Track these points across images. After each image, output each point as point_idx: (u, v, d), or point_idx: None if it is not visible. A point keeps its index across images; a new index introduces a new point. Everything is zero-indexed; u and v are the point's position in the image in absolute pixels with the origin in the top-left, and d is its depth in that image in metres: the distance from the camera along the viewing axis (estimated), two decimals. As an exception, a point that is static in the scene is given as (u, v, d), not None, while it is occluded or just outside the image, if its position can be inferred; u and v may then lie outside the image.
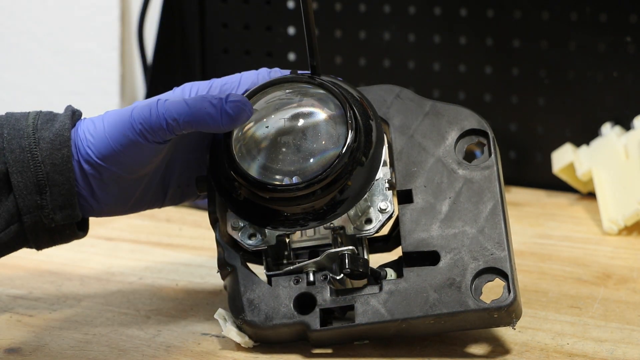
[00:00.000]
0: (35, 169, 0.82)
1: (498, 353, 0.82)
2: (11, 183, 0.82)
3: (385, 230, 0.87)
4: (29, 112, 0.84)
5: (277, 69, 0.87)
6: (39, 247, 0.86)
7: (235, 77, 0.86)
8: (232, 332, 0.83)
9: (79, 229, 0.87)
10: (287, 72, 0.86)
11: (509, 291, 0.79)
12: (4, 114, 0.85)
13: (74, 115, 0.85)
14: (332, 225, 0.83)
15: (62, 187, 0.83)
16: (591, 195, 1.23)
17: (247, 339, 0.83)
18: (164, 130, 0.81)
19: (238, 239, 0.84)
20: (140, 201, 0.88)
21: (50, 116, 0.84)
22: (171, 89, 0.86)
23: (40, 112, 0.85)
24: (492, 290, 0.81)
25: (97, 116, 0.84)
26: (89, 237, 1.12)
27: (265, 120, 0.82)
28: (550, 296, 0.94)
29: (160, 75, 1.43)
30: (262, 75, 0.86)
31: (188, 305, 0.93)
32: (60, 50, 1.52)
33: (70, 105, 0.86)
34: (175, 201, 0.90)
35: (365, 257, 0.84)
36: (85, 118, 0.85)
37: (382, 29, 1.33)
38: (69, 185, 0.83)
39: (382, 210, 0.83)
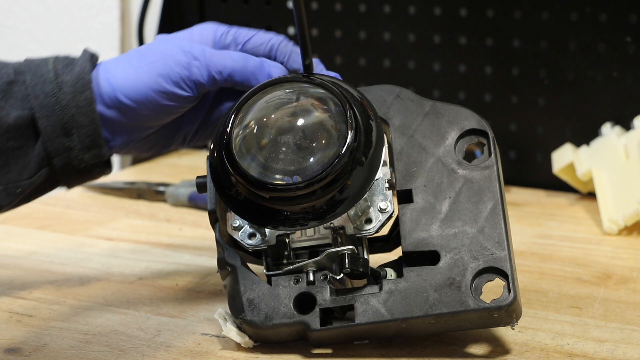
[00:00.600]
0: (60, 112, 0.84)
1: (498, 353, 0.82)
2: (38, 128, 0.84)
3: (385, 231, 0.87)
4: (47, 58, 0.86)
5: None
6: (69, 187, 0.88)
7: (252, 31, 0.89)
8: (232, 332, 0.83)
9: (105, 166, 0.89)
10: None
11: (509, 291, 0.79)
12: (22, 60, 0.86)
13: (92, 58, 0.87)
14: (332, 225, 0.83)
15: (88, 128, 0.85)
16: (591, 195, 1.23)
17: (247, 339, 0.83)
18: (203, 84, 0.85)
19: (238, 239, 0.84)
20: (158, 144, 0.90)
21: (69, 60, 0.86)
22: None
23: (58, 56, 0.86)
24: (492, 290, 0.81)
25: (123, 59, 0.86)
26: (89, 237, 1.13)
27: (265, 119, 0.82)
28: (551, 296, 0.94)
29: (160, 75, 1.42)
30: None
31: (188, 305, 0.93)
32: (60, 50, 1.51)
33: (87, 49, 0.88)
34: (194, 145, 0.92)
35: (365, 256, 0.84)
36: (107, 60, 0.87)
37: (382, 29, 1.33)
38: (94, 125, 0.85)
39: (382, 210, 0.83)
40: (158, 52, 0.86)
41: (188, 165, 1.42)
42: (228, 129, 0.81)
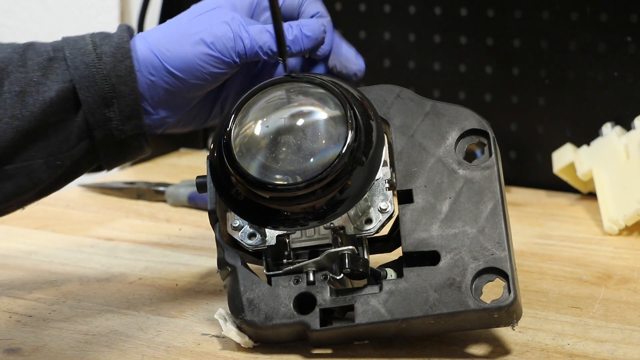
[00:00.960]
0: (101, 82, 0.84)
1: (498, 353, 0.82)
2: (79, 99, 0.84)
3: (385, 231, 0.86)
4: (84, 35, 0.87)
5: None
6: (109, 165, 0.89)
7: None
8: (232, 332, 0.83)
9: (145, 144, 0.89)
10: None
11: (509, 291, 0.79)
12: (59, 39, 0.87)
13: (129, 29, 0.87)
14: (332, 225, 0.83)
15: (128, 97, 0.85)
16: (591, 195, 1.23)
17: (247, 339, 0.83)
18: (247, 56, 0.86)
19: (238, 239, 0.84)
20: (198, 117, 0.91)
21: (105, 34, 0.87)
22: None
23: (95, 32, 0.87)
24: (492, 291, 0.81)
25: (163, 29, 0.88)
26: (89, 237, 1.13)
27: (265, 119, 0.82)
28: (551, 296, 0.94)
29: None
30: None
31: (188, 305, 0.93)
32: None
33: (122, 24, 0.88)
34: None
35: (366, 257, 0.84)
36: (144, 32, 0.88)
37: (382, 29, 1.33)
38: (134, 95, 0.85)
39: (382, 210, 0.83)
40: (202, 23, 0.86)
41: (188, 165, 1.42)
42: (228, 129, 0.81)
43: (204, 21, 0.86)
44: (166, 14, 1.43)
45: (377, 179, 0.82)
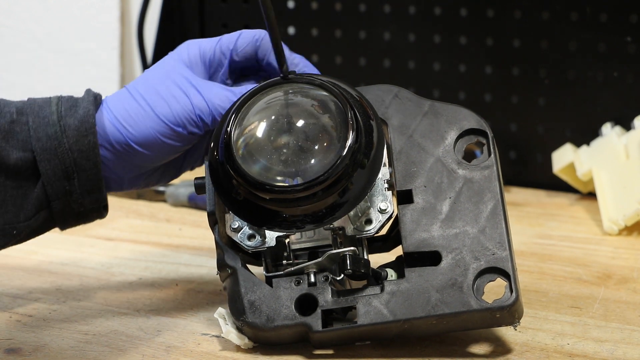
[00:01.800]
0: (62, 156, 0.84)
1: (499, 353, 0.82)
2: (39, 171, 0.83)
3: (384, 230, 0.86)
4: (50, 98, 0.86)
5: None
6: (63, 228, 0.88)
7: (234, 35, 0.89)
8: (231, 334, 0.83)
9: (103, 210, 0.88)
10: None
11: (511, 291, 0.79)
12: (26, 99, 0.86)
13: (96, 100, 0.86)
14: (331, 226, 0.82)
15: (90, 172, 0.84)
16: (591, 195, 1.23)
17: (246, 340, 0.83)
18: (208, 125, 0.85)
19: (237, 240, 0.84)
20: (166, 175, 0.91)
21: (72, 102, 0.85)
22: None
23: (61, 97, 0.86)
24: (493, 291, 0.81)
25: (127, 97, 0.86)
26: (89, 237, 1.13)
27: (265, 120, 0.82)
28: (551, 296, 0.94)
29: (160, 75, 1.42)
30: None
31: (188, 305, 0.93)
32: (60, 50, 1.52)
33: (90, 89, 0.87)
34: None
35: (366, 257, 0.83)
36: (110, 98, 0.86)
37: (382, 29, 1.33)
38: (96, 169, 0.84)
39: (382, 211, 0.83)
40: (162, 92, 0.85)
41: (188, 165, 1.42)
42: (228, 129, 0.81)
43: (163, 95, 0.85)
44: (166, 14, 1.43)
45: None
